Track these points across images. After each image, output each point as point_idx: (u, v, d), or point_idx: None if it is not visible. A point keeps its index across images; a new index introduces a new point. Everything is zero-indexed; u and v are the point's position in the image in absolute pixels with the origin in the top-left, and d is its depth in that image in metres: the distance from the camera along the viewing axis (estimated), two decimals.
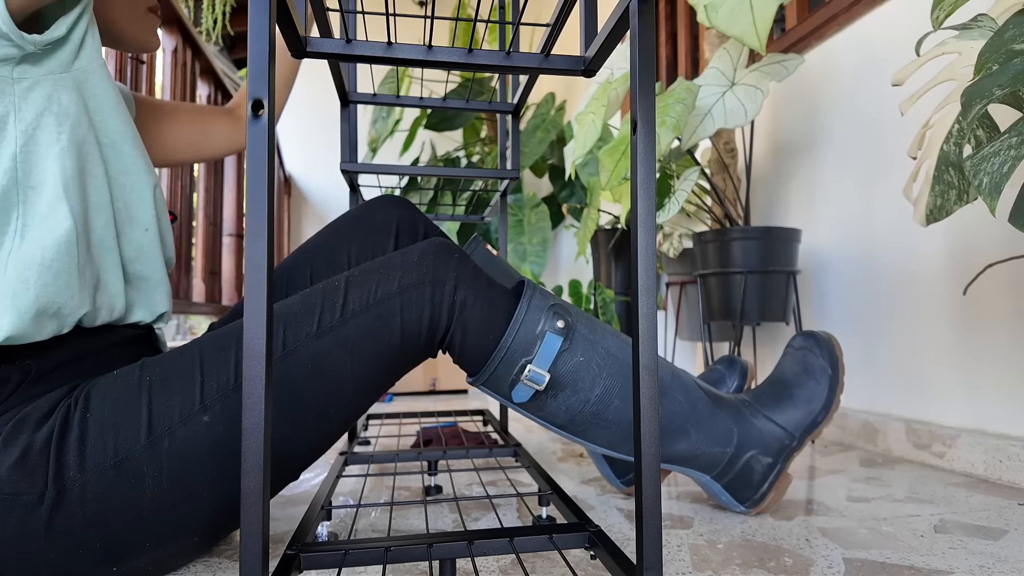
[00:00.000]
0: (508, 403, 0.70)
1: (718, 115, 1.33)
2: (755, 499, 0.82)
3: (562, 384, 0.68)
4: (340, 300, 0.63)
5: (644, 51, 0.44)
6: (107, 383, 0.59)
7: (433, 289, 0.65)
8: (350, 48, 0.51)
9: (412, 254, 0.67)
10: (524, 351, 0.66)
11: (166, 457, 0.56)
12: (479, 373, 0.67)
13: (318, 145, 3.99)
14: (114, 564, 0.57)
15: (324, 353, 0.61)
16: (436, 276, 0.66)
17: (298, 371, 0.60)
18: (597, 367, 0.69)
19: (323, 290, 0.64)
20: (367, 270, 0.66)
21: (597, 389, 0.69)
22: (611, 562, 0.51)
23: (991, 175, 0.56)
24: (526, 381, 0.66)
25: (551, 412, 0.70)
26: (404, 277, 0.65)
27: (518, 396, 0.68)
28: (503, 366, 0.66)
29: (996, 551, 0.72)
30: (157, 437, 0.56)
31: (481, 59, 0.53)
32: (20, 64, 0.57)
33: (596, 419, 0.70)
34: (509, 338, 0.66)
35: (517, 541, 0.55)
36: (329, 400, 0.62)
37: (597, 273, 2.51)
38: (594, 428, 0.71)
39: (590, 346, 0.69)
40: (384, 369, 0.64)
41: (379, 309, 0.63)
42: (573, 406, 0.69)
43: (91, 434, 0.56)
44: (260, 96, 0.38)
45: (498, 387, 0.68)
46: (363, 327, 0.63)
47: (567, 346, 0.68)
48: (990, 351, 1.10)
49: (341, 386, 0.62)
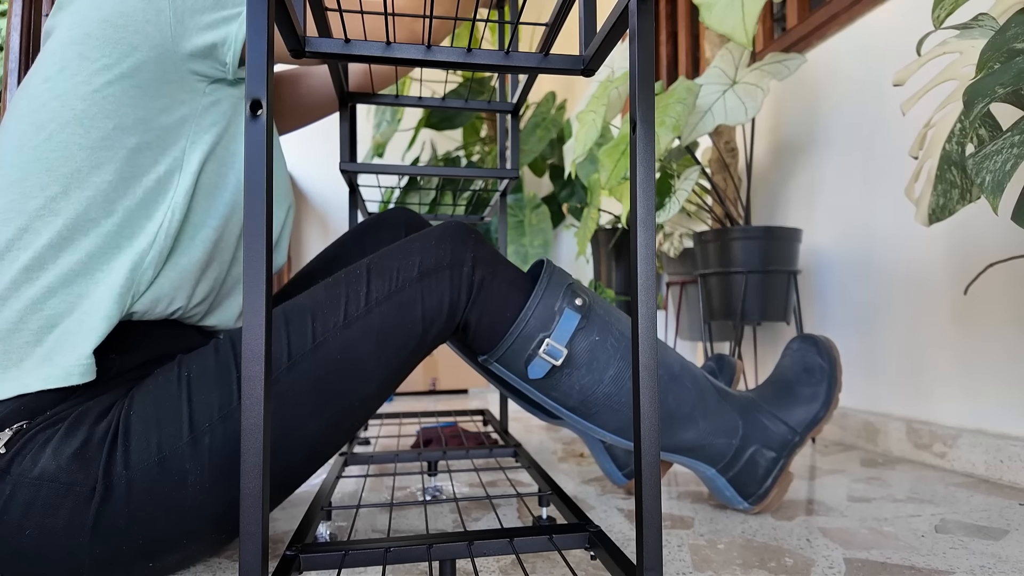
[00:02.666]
0: (521, 382, 0.70)
1: (718, 113, 1.33)
2: (759, 494, 0.82)
3: (578, 362, 0.68)
4: (364, 289, 0.64)
5: (643, 51, 0.44)
6: (149, 381, 0.60)
7: (452, 271, 0.66)
8: (349, 48, 0.51)
9: (430, 237, 0.68)
10: (543, 326, 0.67)
11: (207, 454, 0.56)
12: (496, 348, 0.68)
13: (318, 145, 3.99)
14: (151, 560, 0.57)
15: (352, 343, 0.62)
16: (454, 258, 0.66)
17: (329, 362, 0.61)
18: (612, 348, 0.69)
19: (346, 279, 0.65)
20: (387, 255, 0.67)
21: (611, 370, 0.69)
22: (611, 562, 0.51)
23: (994, 173, 0.56)
24: (544, 355, 0.66)
25: (565, 391, 0.70)
26: (424, 261, 0.66)
27: (534, 372, 0.68)
28: (521, 340, 0.67)
29: (997, 551, 0.71)
30: (198, 434, 0.56)
31: (480, 59, 0.53)
32: (214, 83, 0.65)
33: (608, 401, 0.70)
34: (529, 311, 0.66)
35: (517, 542, 0.55)
36: (356, 391, 0.63)
37: (597, 273, 2.51)
38: (606, 411, 0.71)
39: (605, 326, 0.70)
40: (408, 356, 0.65)
41: (402, 296, 0.64)
42: (587, 386, 0.69)
43: (135, 431, 0.56)
44: (259, 96, 0.38)
45: (513, 363, 0.68)
46: (387, 315, 0.63)
47: (584, 324, 0.68)
48: (991, 351, 1.10)
49: (367, 376, 0.63)
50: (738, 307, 1.40)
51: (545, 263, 0.71)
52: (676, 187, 1.40)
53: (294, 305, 0.63)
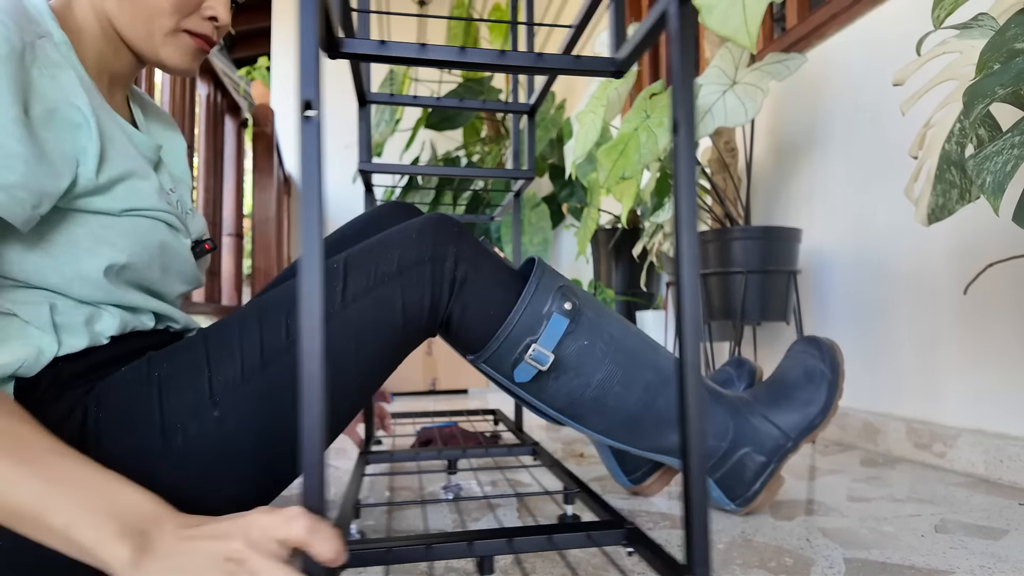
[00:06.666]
0: (507, 383, 0.70)
1: (718, 113, 1.33)
2: (747, 497, 0.81)
3: (565, 366, 0.68)
4: (340, 284, 0.61)
5: (684, 53, 0.45)
6: (117, 380, 0.58)
7: (433, 266, 0.64)
8: (385, 49, 0.51)
9: (410, 230, 0.65)
10: (530, 330, 0.66)
11: (181, 454, 0.56)
12: (482, 350, 0.67)
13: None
14: None
15: (328, 340, 0.60)
16: (435, 252, 0.64)
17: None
18: (601, 352, 0.69)
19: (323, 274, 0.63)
20: (365, 249, 0.64)
21: (599, 374, 0.69)
22: (654, 559, 0.52)
23: (994, 174, 0.56)
24: (530, 360, 0.65)
25: (551, 394, 0.69)
26: (403, 255, 0.63)
27: (520, 376, 0.67)
28: (507, 344, 0.66)
29: (997, 551, 0.71)
30: (171, 434, 0.55)
31: (513, 60, 0.53)
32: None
33: (596, 404, 0.70)
34: (516, 316, 0.65)
35: (556, 538, 0.56)
36: (336, 389, 0.61)
37: (597, 273, 2.51)
38: (593, 414, 0.71)
39: (595, 330, 0.69)
40: (389, 352, 0.64)
41: (380, 291, 0.62)
42: (574, 389, 0.69)
43: (106, 433, 0.55)
44: (310, 97, 0.40)
45: (500, 366, 0.68)
46: (365, 311, 0.61)
47: (573, 328, 0.67)
48: (991, 350, 1.10)
49: (346, 373, 0.61)
50: (738, 307, 1.40)
51: (536, 262, 0.70)
52: None
53: (270, 300, 0.61)
